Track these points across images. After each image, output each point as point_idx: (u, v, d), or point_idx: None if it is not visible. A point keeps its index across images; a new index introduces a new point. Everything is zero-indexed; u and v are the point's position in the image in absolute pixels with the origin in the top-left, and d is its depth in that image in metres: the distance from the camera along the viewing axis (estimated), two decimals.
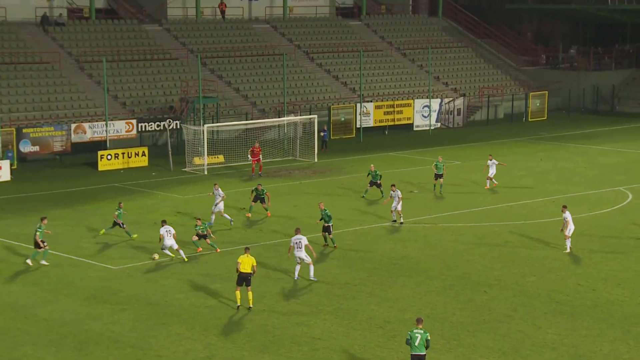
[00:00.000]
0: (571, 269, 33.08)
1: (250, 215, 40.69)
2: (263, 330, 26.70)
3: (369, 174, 45.18)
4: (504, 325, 27.24)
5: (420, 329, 22.82)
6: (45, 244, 33.13)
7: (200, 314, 28.11)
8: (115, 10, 72.93)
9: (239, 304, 28.36)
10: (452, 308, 28.79)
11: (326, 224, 34.97)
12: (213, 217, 39.18)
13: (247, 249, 29.07)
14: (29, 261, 33.06)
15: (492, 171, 46.67)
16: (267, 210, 40.83)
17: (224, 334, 26.43)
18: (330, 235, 35.00)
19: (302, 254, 31.22)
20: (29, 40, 63.88)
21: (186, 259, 33.51)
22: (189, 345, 25.56)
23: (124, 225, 36.31)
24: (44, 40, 64.98)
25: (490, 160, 46.96)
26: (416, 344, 22.64)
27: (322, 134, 59.65)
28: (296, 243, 31.30)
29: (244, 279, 28.36)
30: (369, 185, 44.83)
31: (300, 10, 79.42)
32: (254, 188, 41.16)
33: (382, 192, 44.53)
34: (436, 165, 46.45)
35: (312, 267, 31.56)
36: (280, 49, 71.62)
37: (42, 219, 33.72)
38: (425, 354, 22.62)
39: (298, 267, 31.56)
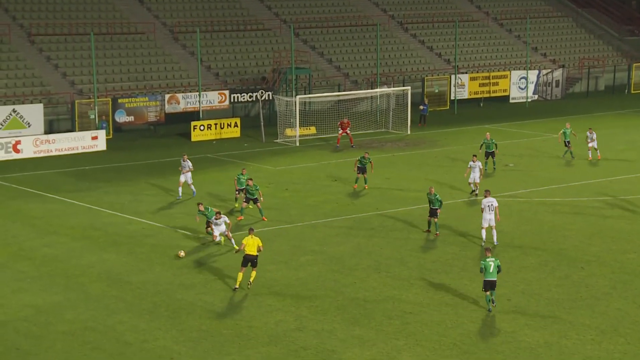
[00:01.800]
0: None
1: (357, 186, 40.42)
2: (354, 304, 26.75)
3: (483, 143, 43.94)
4: (602, 303, 26.70)
5: (491, 256, 25.85)
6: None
7: (291, 285, 28.30)
8: None
9: (237, 286, 27.56)
10: (547, 284, 28.35)
11: (433, 208, 33.46)
12: (180, 190, 38.63)
13: (251, 230, 28.13)
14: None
15: (593, 143, 46.23)
16: (365, 182, 40.38)
17: (315, 306, 26.57)
18: (436, 219, 33.47)
19: (492, 216, 31.69)
20: (125, 11, 65.00)
21: (234, 247, 31.45)
22: (280, 316, 25.79)
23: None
24: (140, 10, 66.01)
25: (591, 133, 46.30)
26: (490, 270, 25.69)
27: (421, 107, 59.08)
28: (488, 206, 31.68)
29: (249, 261, 27.55)
30: (485, 157, 43.42)
31: None
32: (360, 157, 40.62)
33: (494, 163, 43.74)
34: (564, 132, 46.26)
35: (495, 232, 31.97)
36: (373, 19, 71.26)
37: (198, 205, 32.90)
38: (496, 279, 25.81)
39: (484, 232, 31.90)
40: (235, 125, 55.08)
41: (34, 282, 28.58)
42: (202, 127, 54.11)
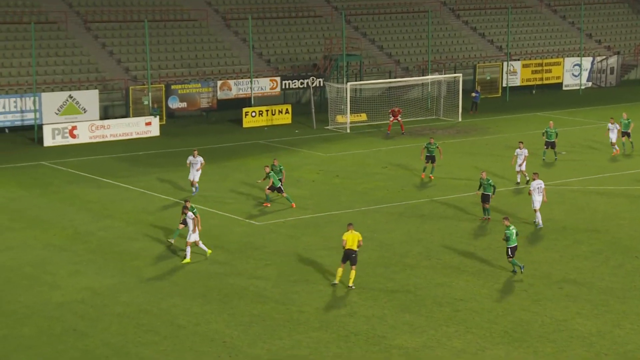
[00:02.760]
0: None
1: (424, 175, 39.82)
2: (404, 290, 26.75)
3: (544, 132, 43.31)
4: None
5: (510, 225, 27.72)
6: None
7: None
8: None
9: (336, 281, 27.09)
10: (600, 273, 28.08)
11: (485, 193, 33.45)
12: (194, 188, 37.27)
13: (350, 225, 27.32)
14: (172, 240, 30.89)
15: (613, 136, 44.29)
16: (431, 172, 39.66)
17: (365, 292, 26.61)
18: (487, 205, 33.49)
19: (541, 197, 32.40)
20: None
21: (209, 252, 29.61)
22: (331, 302, 25.87)
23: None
24: None
25: (612, 124, 44.63)
26: (513, 237, 27.56)
27: (473, 94, 58.67)
28: (537, 188, 32.26)
29: (349, 256, 26.99)
30: (545, 146, 43.00)
31: None
32: (426, 144, 39.92)
33: (555, 153, 43.29)
34: (622, 122, 44.98)
35: (539, 214, 32.55)
36: (425, 5, 70.88)
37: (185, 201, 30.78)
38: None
39: (538, 214, 32.61)
40: (287, 112, 55.24)
41: (90, 265, 29.02)
42: (253, 114, 54.36)
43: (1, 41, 55.97)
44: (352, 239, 27.02)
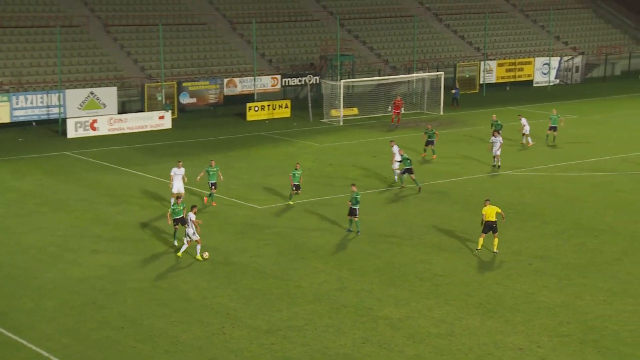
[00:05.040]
0: None
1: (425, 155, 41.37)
2: (390, 267, 26.74)
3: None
4: (613, 268, 26.41)
5: (357, 190, 29.47)
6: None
7: (334, 250, 28.35)
8: None
9: (479, 248, 27.49)
10: (564, 251, 28.09)
11: (407, 167, 35.19)
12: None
13: (487, 201, 27.72)
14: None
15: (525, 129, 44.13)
16: (433, 153, 40.94)
17: (355, 268, 26.60)
18: (413, 176, 35.32)
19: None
20: (189, 4, 65.10)
21: (201, 258, 27.25)
22: (324, 277, 25.87)
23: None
24: (202, 3, 66.02)
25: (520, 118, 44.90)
26: (358, 201, 29.44)
27: (453, 91, 58.59)
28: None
29: (490, 227, 27.26)
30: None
31: None
32: (425, 130, 41.91)
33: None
34: (551, 117, 45.00)
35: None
36: (411, 10, 70.63)
37: (177, 198, 29.05)
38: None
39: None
40: (286, 107, 55.08)
41: (109, 245, 28.97)
42: (256, 108, 54.20)
43: (29, 43, 55.74)
44: (490, 212, 27.26)
